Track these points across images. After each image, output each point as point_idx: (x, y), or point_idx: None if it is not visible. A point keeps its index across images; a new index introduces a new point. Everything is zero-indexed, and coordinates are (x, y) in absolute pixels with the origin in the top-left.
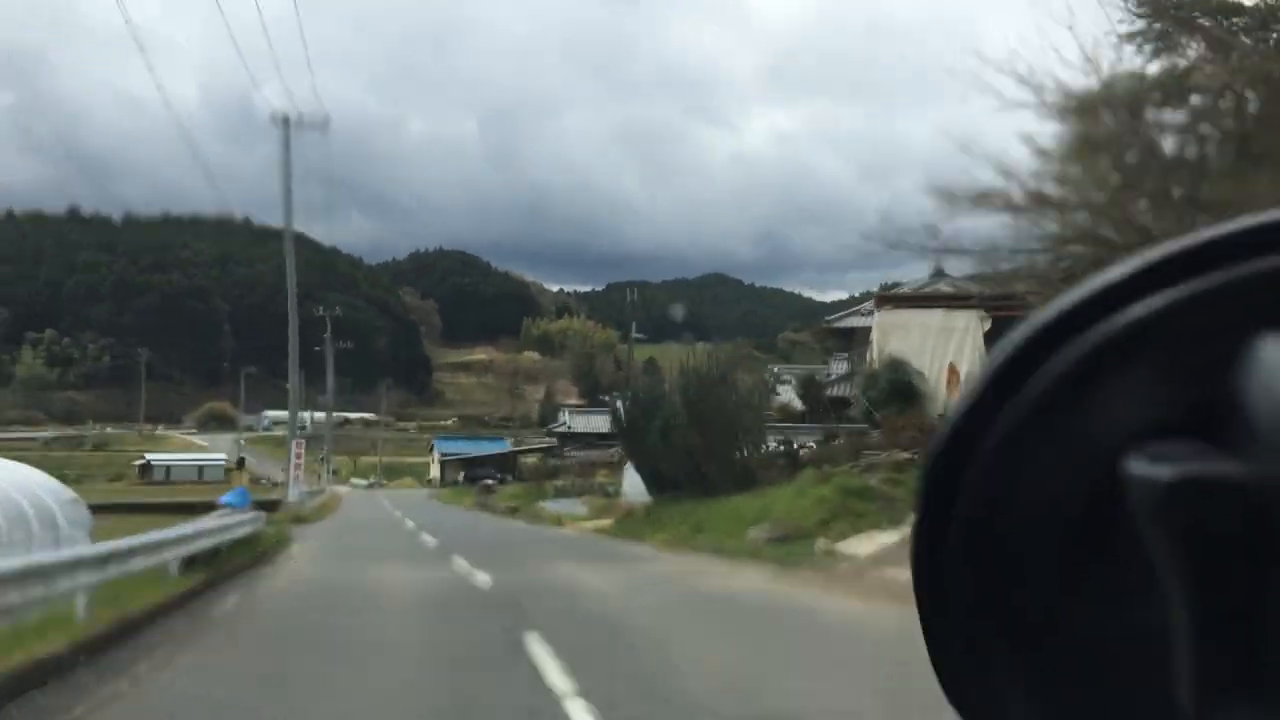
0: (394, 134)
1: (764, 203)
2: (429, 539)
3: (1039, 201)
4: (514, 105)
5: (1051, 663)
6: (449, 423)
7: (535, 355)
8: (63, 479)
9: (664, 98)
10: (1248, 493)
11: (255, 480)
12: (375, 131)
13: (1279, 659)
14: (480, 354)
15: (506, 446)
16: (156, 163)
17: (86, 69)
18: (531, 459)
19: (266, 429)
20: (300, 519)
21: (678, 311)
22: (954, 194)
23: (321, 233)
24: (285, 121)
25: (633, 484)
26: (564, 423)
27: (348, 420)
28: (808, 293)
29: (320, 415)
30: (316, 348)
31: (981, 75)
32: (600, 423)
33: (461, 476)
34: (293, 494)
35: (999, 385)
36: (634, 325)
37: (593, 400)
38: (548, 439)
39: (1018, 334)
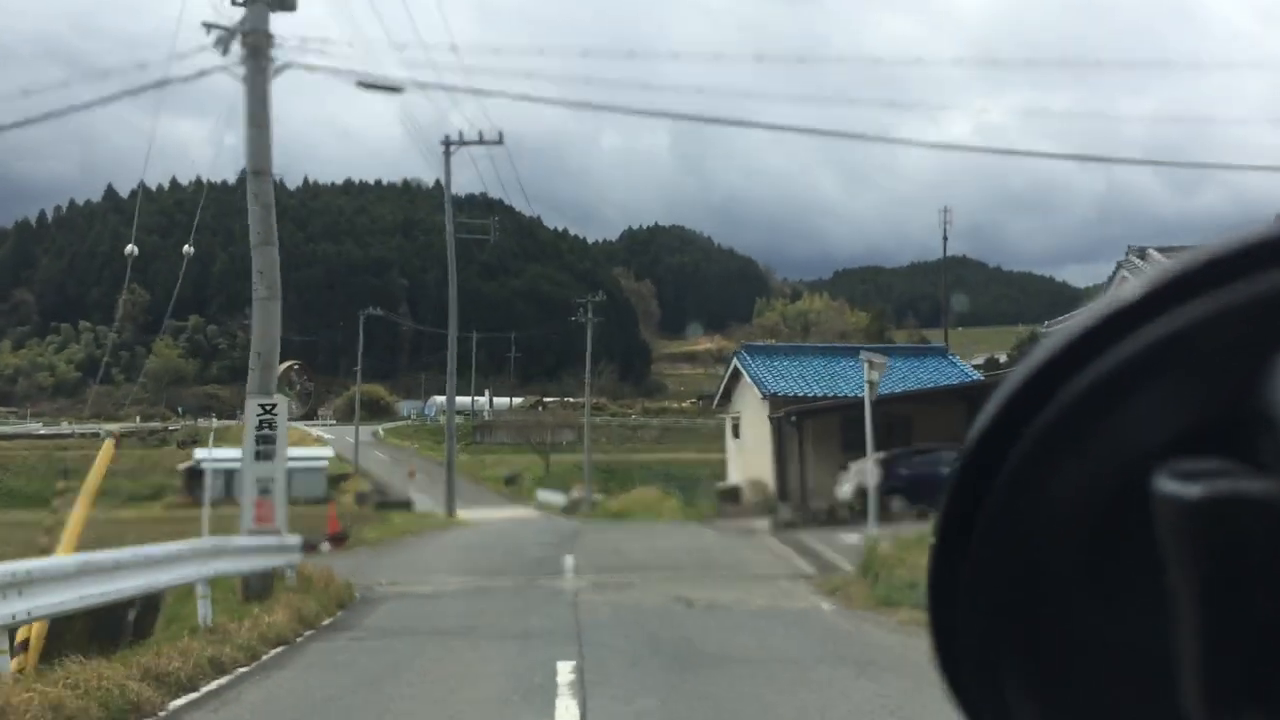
0: (593, 144)
1: (970, 195)
2: None
3: None
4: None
5: (1066, 675)
6: (686, 404)
7: (775, 341)
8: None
9: (862, 96)
10: (1277, 512)
11: (362, 497)
12: (572, 142)
13: None
14: (706, 343)
15: (966, 371)
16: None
17: (304, 109)
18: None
19: (433, 419)
20: None
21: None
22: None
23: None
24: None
25: None
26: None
27: (542, 403)
28: (1061, 277)
29: (503, 400)
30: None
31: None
32: None
33: (874, 481)
34: None
35: (1025, 399)
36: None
37: None
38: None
39: (1043, 348)
